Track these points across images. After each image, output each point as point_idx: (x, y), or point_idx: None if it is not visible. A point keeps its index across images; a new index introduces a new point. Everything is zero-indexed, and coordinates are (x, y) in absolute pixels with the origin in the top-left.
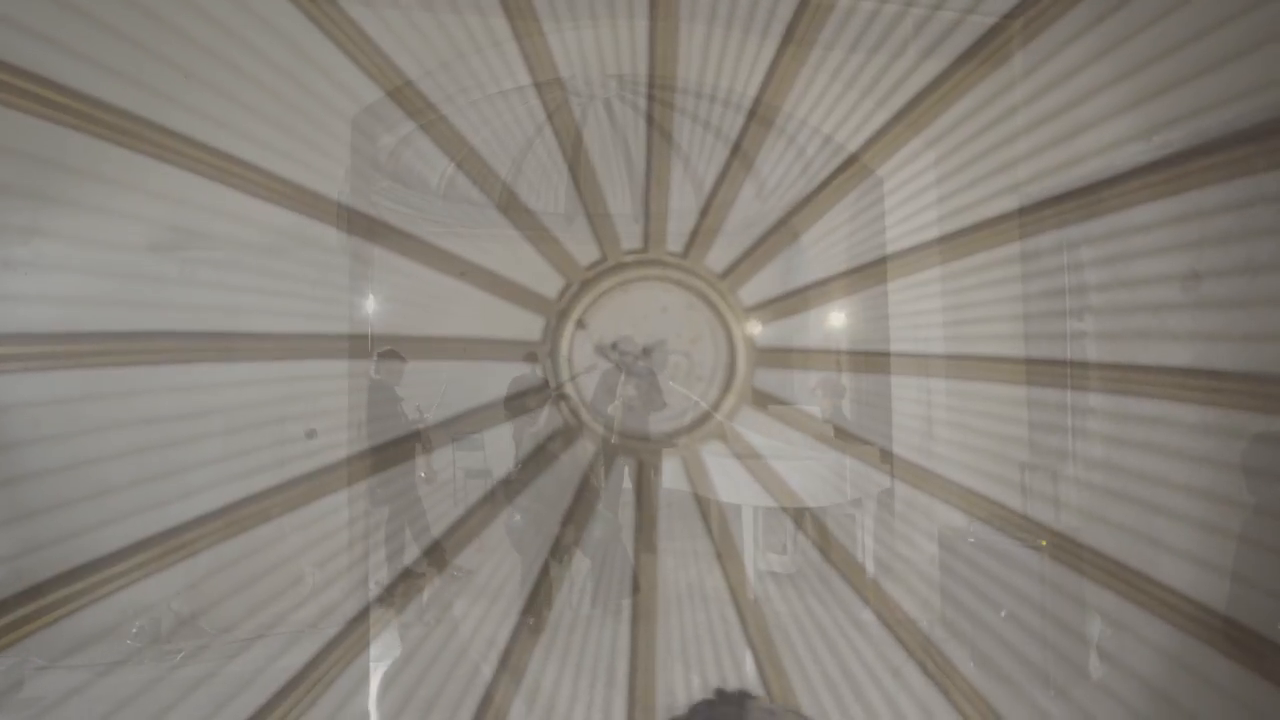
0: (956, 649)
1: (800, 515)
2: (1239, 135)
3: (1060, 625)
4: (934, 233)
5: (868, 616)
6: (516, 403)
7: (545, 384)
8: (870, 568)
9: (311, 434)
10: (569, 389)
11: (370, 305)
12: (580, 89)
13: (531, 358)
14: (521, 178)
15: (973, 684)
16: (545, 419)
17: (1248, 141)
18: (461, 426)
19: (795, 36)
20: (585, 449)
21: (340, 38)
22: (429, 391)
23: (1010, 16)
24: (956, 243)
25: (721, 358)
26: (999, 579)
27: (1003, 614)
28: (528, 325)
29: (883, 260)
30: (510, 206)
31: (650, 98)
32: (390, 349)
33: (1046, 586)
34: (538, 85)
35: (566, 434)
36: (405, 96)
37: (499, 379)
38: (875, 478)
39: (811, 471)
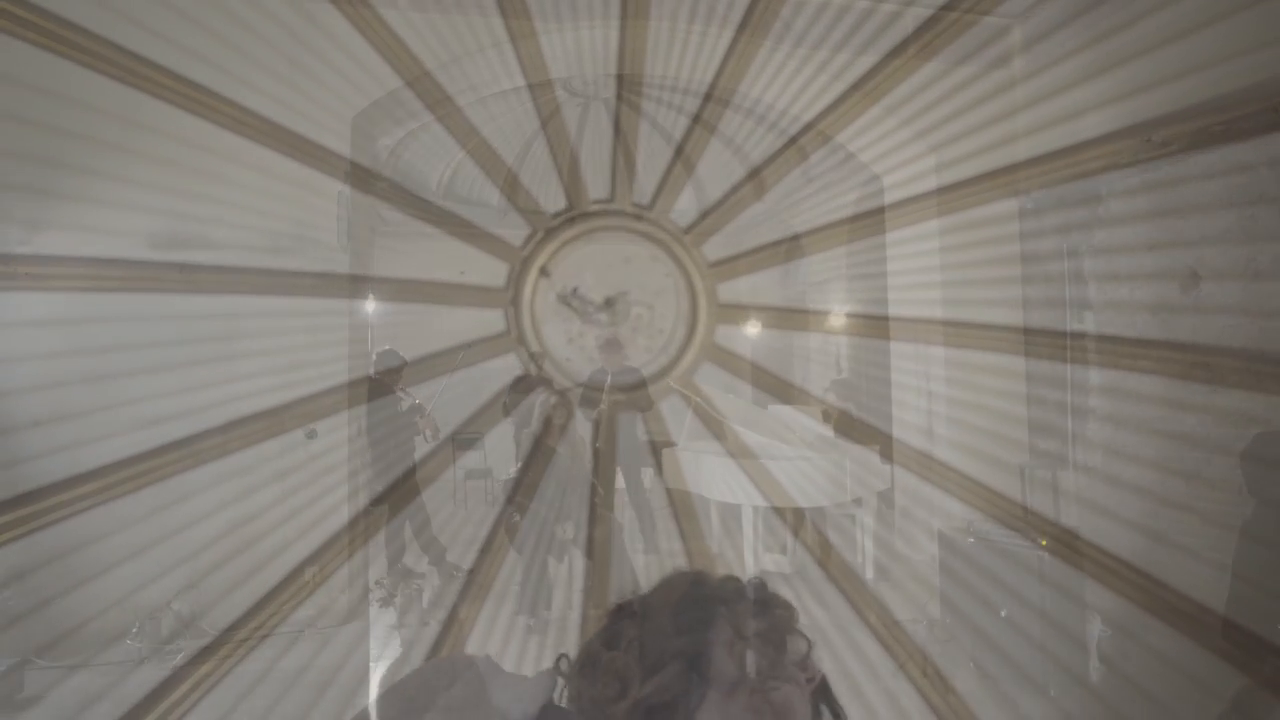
0: (955, 650)
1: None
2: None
3: (1059, 626)
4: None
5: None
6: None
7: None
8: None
9: (311, 434)
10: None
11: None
12: (576, 87)
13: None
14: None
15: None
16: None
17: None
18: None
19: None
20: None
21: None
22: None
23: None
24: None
25: (684, 311)
26: (998, 579)
27: (1003, 614)
28: (493, 271)
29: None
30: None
31: (620, 91)
32: (389, 348)
33: (1046, 585)
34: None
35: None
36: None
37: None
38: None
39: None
